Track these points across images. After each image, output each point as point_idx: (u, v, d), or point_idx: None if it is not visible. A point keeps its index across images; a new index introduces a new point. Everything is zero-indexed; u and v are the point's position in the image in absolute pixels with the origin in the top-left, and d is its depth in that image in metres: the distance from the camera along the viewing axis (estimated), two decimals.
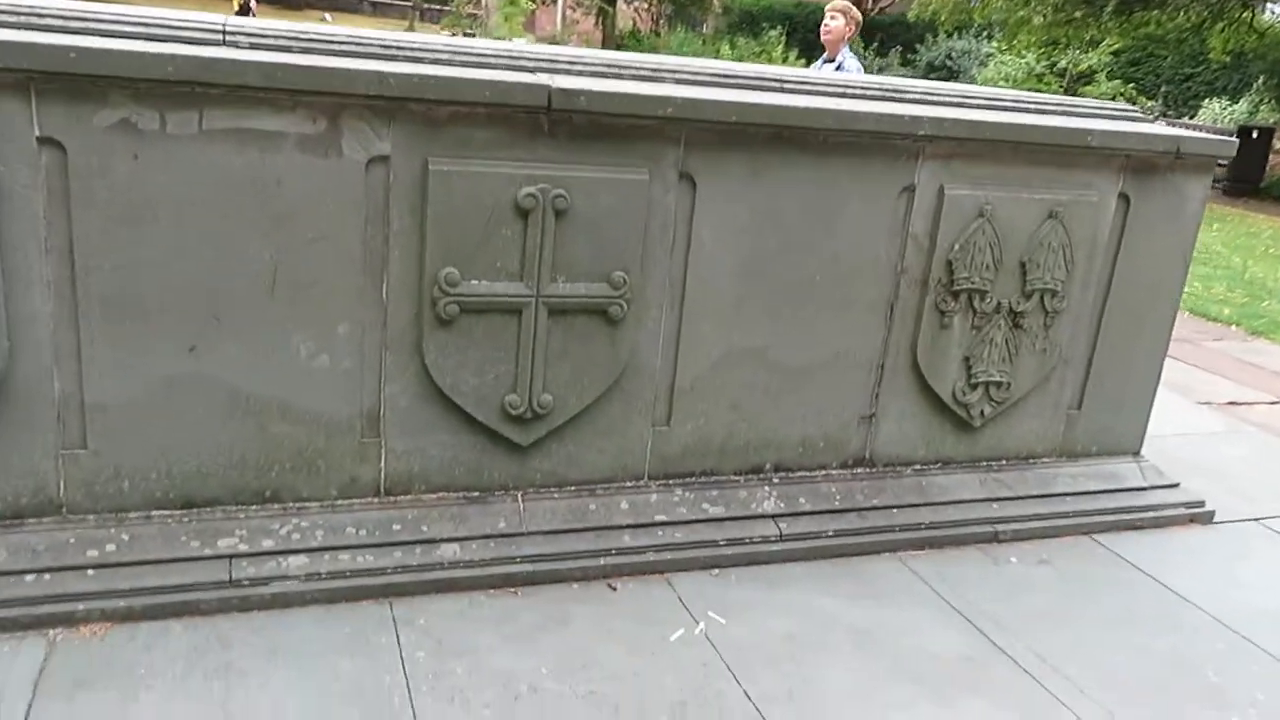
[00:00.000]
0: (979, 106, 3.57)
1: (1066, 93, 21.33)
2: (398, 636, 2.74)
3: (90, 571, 2.68)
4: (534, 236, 2.90)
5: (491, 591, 3.00)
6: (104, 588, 2.67)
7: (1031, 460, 3.90)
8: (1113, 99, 15.43)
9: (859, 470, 3.63)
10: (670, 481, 3.37)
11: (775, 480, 3.49)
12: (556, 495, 3.22)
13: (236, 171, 2.60)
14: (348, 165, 2.71)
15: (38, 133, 2.44)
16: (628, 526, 3.23)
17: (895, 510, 3.57)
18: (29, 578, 2.63)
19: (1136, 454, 4.09)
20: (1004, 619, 3.15)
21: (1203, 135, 3.84)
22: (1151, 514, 3.93)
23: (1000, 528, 3.67)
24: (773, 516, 3.41)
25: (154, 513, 2.80)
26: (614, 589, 3.10)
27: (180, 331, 2.67)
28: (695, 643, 2.87)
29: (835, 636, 2.97)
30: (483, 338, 2.95)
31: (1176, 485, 4.06)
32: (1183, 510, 3.98)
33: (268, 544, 2.85)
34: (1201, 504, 4.00)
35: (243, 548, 2.83)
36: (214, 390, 2.75)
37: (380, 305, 2.86)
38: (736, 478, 3.45)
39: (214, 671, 2.52)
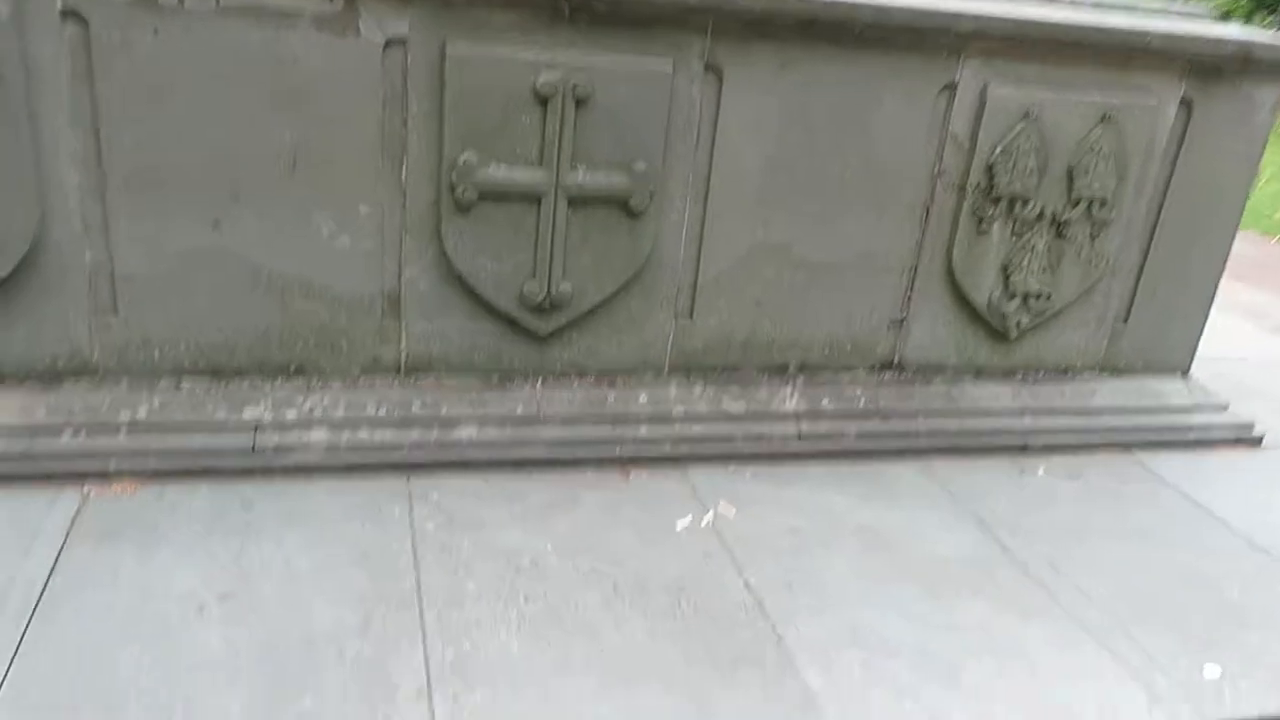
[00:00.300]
0: (1030, 1, 3.40)
1: None
2: (410, 509, 2.84)
3: (123, 432, 2.82)
4: (553, 124, 2.88)
5: (506, 473, 3.07)
6: (135, 448, 2.81)
7: (1070, 374, 3.80)
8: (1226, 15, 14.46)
9: (886, 375, 3.58)
10: (690, 376, 3.38)
11: (798, 380, 3.47)
12: (576, 384, 3.26)
13: (253, 49, 2.63)
14: (365, 46, 2.71)
15: (60, 6, 2.50)
16: (645, 418, 3.26)
17: (920, 416, 3.53)
18: (66, 435, 2.78)
19: (1185, 372, 3.95)
20: (1020, 527, 3.11)
21: (1277, 39, 3.59)
22: (1195, 434, 3.81)
23: (1030, 440, 3.60)
24: (793, 416, 3.40)
25: (183, 380, 2.92)
26: (627, 477, 3.15)
27: (203, 207, 2.75)
28: (701, 532, 2.91)
29: (842, 534, 2.97)
30: (501, 225, 2.97)
31: (1225, 407, 3.92)
32: (1229, 432, 3.85)
33: (291, 416, 2.96)
34: (1250, 427, 3.86)
35: (267, 418, 2.94)
36: (237, 265, 2.83)
37: (399, 188, 2.89)
38: (759, 375, 3.44)
39: (232, 530, 2.65)
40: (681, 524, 2.93)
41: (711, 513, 2.99)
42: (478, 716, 2.12)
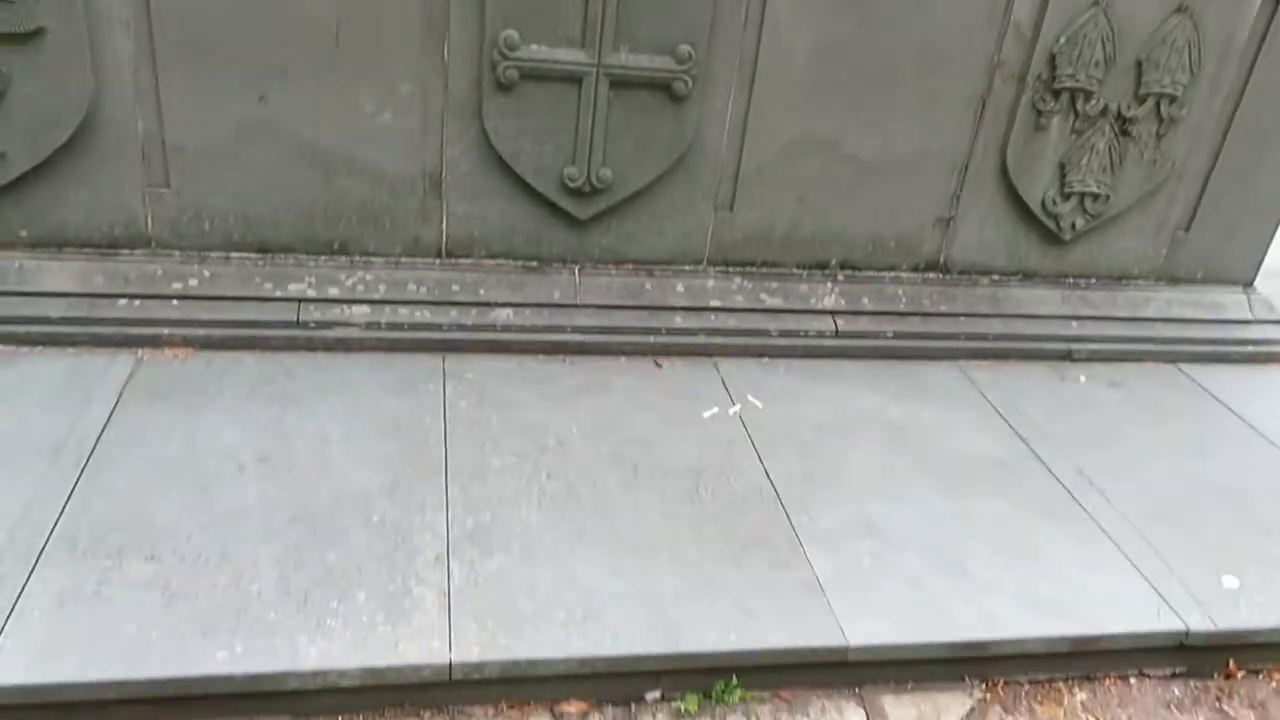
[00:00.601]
0: None
1: None
2: (444, 386, 2.93)
3: (175, 302, 2.94)
4: (596, 3, 2.83)
5: (540, 357, 3.14)
6: (186, 317, 2.93)
7: (1125, 281, 3.70)
8: None
9: (930, 275, 3.53)
10: (729, 269, 3.37)
11: (839, 277, 3.45)
12: (613, 272, 3.28)
13: None
14: None
15: None
16: (681, 308, 3.28)
17: (962, 318, 3.48)
18: (122, 302, 2.91)
19: (1248, 285, 3.81)
20: (1052, 432, 3.09)
21: None
22: (1251, 348, 3.70)
23: (1075, 346, 3.54)
24: (831, 313, 3.39)
25: (232, 254, 3.01)
26: (659, 366, 3.19)
27: (250, 80, 2.79)
28: (727, 421, 2.95)
29: (868, 429, 2.99)
30: (542, 106, 2.96)
31: None
32: None
33: (334, 292, 3.04)
34: None
35: (310, 293, 3.03)
36: (283, 139, 2.88)
37: (441, 67, 2.89)
38: (799, 271, 3.42)
39: (273, 397, 2.77)
40: (708, 413, 2.97)
41: (739, 404, 3.03)
42: (492, 582, 2.22)
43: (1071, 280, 3.64)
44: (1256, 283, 3.83)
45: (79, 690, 1.88)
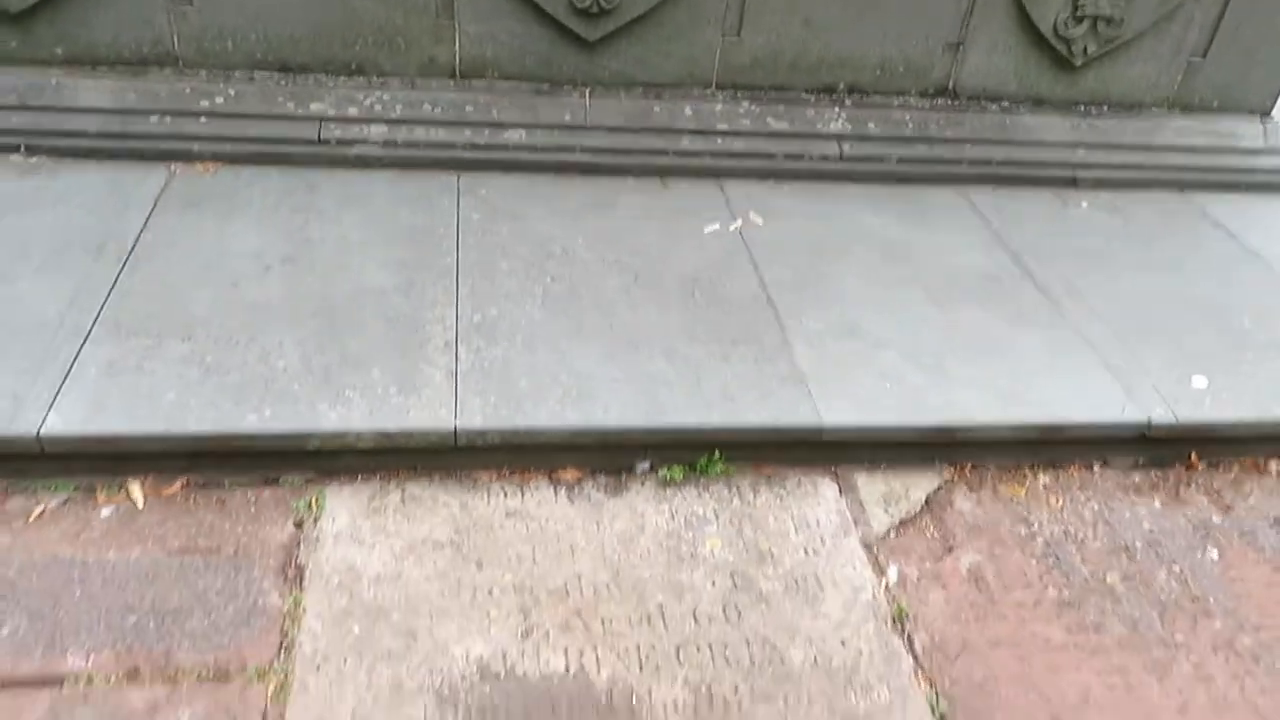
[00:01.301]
0: None
1: None
2: (458, 200, 3.07)
3: (203, 119, 3.10)
4: None
5: (551, 176, 3.26)
6: (214, 133, 3.09)
7: (1137, 109, 3.70)
8: None
9: (939, 101, 3.56)
10: (737, 93, 3.43)
11: (846, 102, 3.49)
12: (623, 95, 3.36)
13: None
14: None
15: None
16: (688, 131, 3.37)
17: (969, 144, 3.53)
18: (154, 118, 3.07)
19: (1265, 114, 3.79)
20: (1047, 252, 3.17)
21: None
22: (1262, 178, 3.71)
23: (1081, 173, 3.58)
24: (837, 137, 3.45)
25: (255, 73, 3.15)
26: (665, 186, 3.30)
27: None
28: (727, 236, 3.08)
29: (864, 246, 3.10)
30: None
31: None
32: None
33: (352, 111, 3.17)
34: None
35: (331, 112, 3.16)
36: None
37: None
38: (806, 95, 3.48)
39: (298, 208, 2.95)
40: (709, 228, 3.10)
41: (740, 220, 3.14)
42: (496, 364, 2.42)
43: (1082, 108, 3.65)
44: (1275, 113, 3.80)
45: (128, 442, 2.12)
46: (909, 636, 2.08)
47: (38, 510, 2.11)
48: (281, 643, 1.91)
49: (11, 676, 1.80)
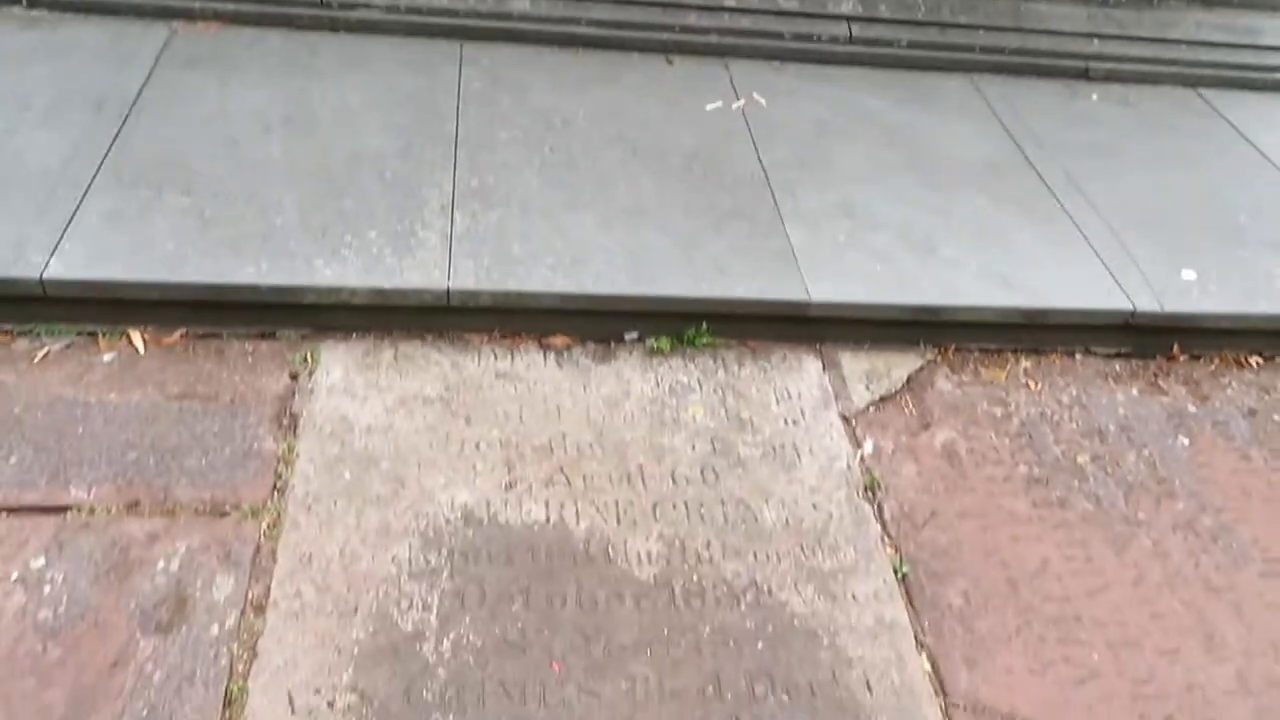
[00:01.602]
0: None
1: None
2: (460, 68, 3.06)
3: None
4: None
5: (555, 48, 3.23)
6: None
7: (1157, 2, 3.61)
8: None
9: None
10: None
11: None
12: None
13: None
14: None
15: None
16: (695, 7, 3.31)
17: (981, 31, 3.47)
18: None
19: None
20: (1051, 142, 3.15)
21: None
22: (1278, 76, 3.64)
23: (1094, 65, 3.52)
24: (847, 18, 3.40)
25: None
26: (670, 63, 3.27)
27: None
28: (729, 114, 3.06)
29: (866, 129, 3.08)
30: None
31: None
32: None
33: None
34: None
35: None
36: None
37: None
38: None
39: (298, 70, 2.94)
40: (711, 106, 3.08)
41: (744, 100, 3.12)
42: (491, 229, 2.45)
43: None
44: None
45: (128, 288, 2.17)
46: (879, 505, 2.16)
47: (42, 353, 2.18)
48: (275, 484, 2.00)
49: (18, 503, 1.90)
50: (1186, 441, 2.43)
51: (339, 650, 1.75)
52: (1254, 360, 2.68)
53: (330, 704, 1.67)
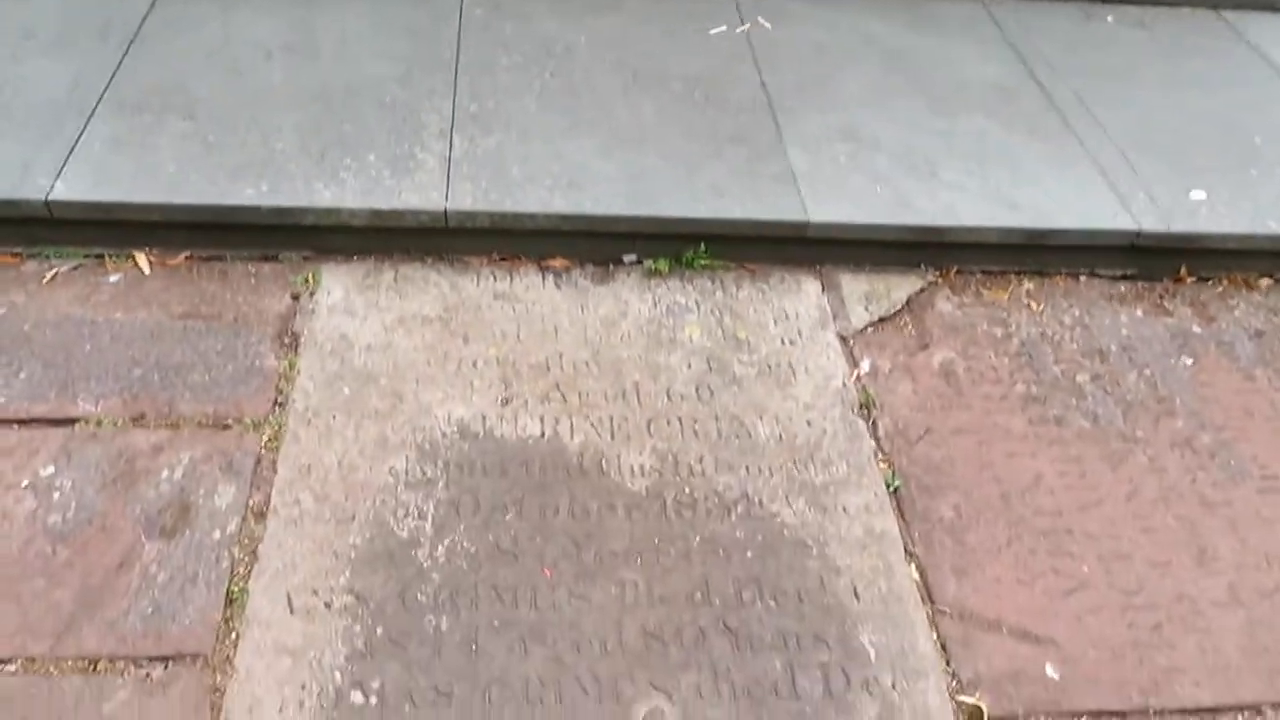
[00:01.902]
0: None
1: None
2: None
3: None
4: None
5: None
6: None
7: None
8: None
9: None
10: None
11: None
12: None
13: None
14: None
15: None
16: None
17: None
18: None
19: None
20: (1061, 64, 3.09)
21: None
22: None
23: None
24: None
25: None
26: None
27: None
28: (733, 39, 3.03)
29: (870, 52, 3.04)
30: None
31: None
32: None
33: None
34: None
35: None
36: None
37: None
38: None
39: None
40: (716, 30, 3.05)
41: (748, 23, 3.09)
42: (489, 153, 2.46)
43: None
44: None
45: (132, 209, 2.21)
46: (874, 421, 2.17)
47: (50, 274, 2.23)
48: (276, 399, 2.04)
49: (29, 415, 1.95)
50: (1190, 361, 2.41)
51: (336, 555, 1.80)
52: (1263, 282, 2.65)
53: (328, 604, 1.73)
